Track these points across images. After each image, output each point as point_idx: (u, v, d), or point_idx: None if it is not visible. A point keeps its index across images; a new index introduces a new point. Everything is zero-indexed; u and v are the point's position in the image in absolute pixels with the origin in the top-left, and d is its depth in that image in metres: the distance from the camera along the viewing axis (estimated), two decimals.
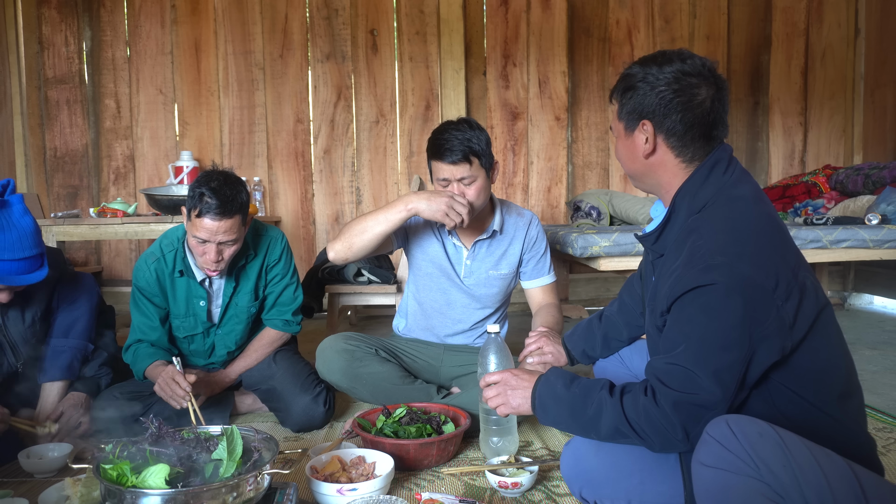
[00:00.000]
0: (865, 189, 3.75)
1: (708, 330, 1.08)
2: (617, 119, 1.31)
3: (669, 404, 1.09)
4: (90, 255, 4.41)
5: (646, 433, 1.12)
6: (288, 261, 2.20)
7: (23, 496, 1.47)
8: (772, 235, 1.13)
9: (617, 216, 3.83)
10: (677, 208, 1.23)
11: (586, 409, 1.20)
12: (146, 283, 2.05)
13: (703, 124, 1.21)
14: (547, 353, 1.75)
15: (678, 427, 1.09)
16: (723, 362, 1.07)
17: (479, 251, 2.13)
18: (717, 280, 1.07)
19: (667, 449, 1.14)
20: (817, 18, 4.62)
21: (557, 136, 4.51)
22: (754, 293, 1.06)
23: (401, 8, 4.35)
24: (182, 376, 1.85)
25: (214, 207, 1.86)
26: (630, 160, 1.31)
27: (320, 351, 2.11)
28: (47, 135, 4.32)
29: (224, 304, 2.12)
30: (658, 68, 1.22)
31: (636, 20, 4.51)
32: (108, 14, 4.30)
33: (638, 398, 1.13)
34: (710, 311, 1.08)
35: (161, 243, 2.09)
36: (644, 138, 1.25)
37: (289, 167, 4.38)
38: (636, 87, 1.24)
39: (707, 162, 1.22)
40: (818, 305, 1.12)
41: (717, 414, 1.07)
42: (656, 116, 1.23)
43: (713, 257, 1.09)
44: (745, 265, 1.07)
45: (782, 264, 1.10)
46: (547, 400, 1.29)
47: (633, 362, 1.66)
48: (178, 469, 1.27)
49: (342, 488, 1.43)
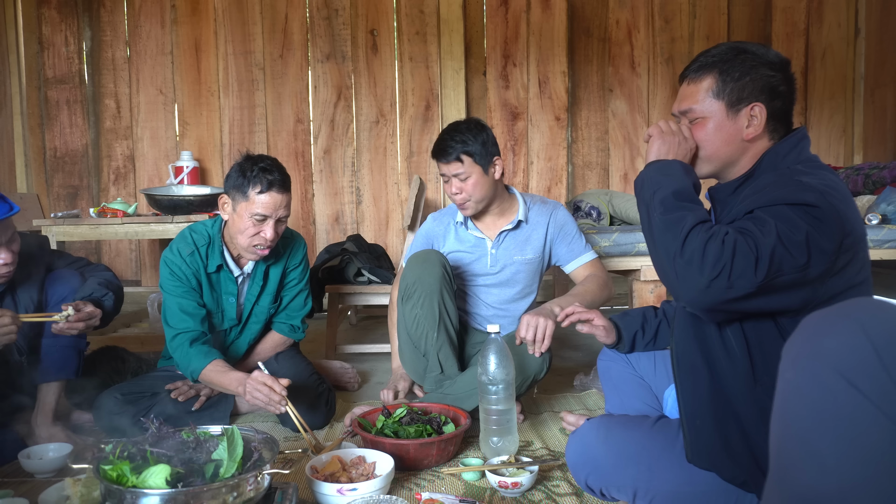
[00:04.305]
0: (865, 189, 3.75)
1: (786, 227, 1.08)
2: (712, 99, 1.28)
3: (731, 244, 1.08)
4: (90, 255, 4.41)
5: (690, 243, 1.11)
6: (306, 267, 2.23)
7: (23, 496, 1.47)
8: (853, 203, 1.17)
9: (617, 216, 3.83)
10: (765, 166, 1.26)
11: (684, 201, 1.19)
12: (181, 272, 2.02)
13: (790, 110, 1.29)
14: (599, 325, 1.65)
15: (720, 264, 1.07)
16: (785, 250, 1.07)
17: (503, 240, 2.21)
18: (808, 201, 1.09)
19: (684, 274, 1.11)
20: (817, 18, 4.62)
21: (557, 136, 4.51)
22: (832, 227, 1.09)
23: (401, 8, 4.35)
24: (275, 380, 1.77)
25: (279, 181, 1.91)
26: (726, 142, 1.28)
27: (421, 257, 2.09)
28: (47, 135, 4.32)
29: (251, 302, 2.13)
30: (763, 50, 1.28)
31: (636, 20, 4.51)
32: (108, 14, 4.30)
33: (718, 227, 1.13)
34: (792, 219, 1.09)
35: (191, 237, 2.06)
36: (750, 120, 1.26)
37: (289, 167, 4.34)
38: (755, 69, 1.25)
39: (796, 134, 1.27)
40: (862, 276, 1.16)
41: (749, 284, 1.06)
42: (768, 99, 1.25)
43: (808, 185, 1.12)
44: (834, 202, 1.10)
45: (855, 225, 1.14)
46: (675, 171, 1.25)
47: (640, 364, 1.66)
48: (178, 469, 1.26)
49: (342, 488, 1.43)
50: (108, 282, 2.01)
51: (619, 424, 1.40)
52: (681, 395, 1.26)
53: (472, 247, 2.23)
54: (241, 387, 1.83)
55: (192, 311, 2.01)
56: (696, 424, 1.22)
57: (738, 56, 1.27)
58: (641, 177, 1.29)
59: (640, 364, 1.66)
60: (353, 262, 3.05)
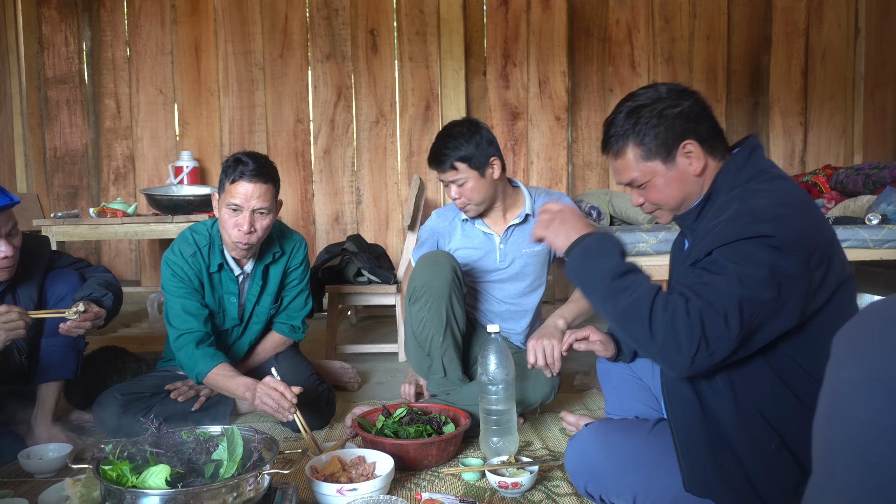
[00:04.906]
0: (865, 189, 3.75)
1: (744, 267, 1.09)
2: (643, 162, 1.28)
3: (696, 312, 1.08)
4: (90, 255, 4.41)
5: (657, 329, 1.10)
6: (306, 268, 2.22)
7: (23, 496, 1.48)
8: (813, 208, 1.17)
9: (617, 216, 3.83)
10: (719, 186, 1.25)
11: (624, 278, 1.17)
12: (183, 273, 2.02)
13: (714, 120, 1.29)
14: (595, 340, 1.65)
15: (695, 339, 1.07)
16: (749, 295, 1.07)
17: (511, 235, 2.21)
18: (763, 232, 1.09)
19: (666, 356, 1.11)
20: (817, 18, 4.62)
21: (557, 136, 4.51)
22: (794, 251, 1.09)
23: (401, 8, 4.34)
24: (287, 387, 1.76)
25: (251, 169, 1.90)
26: (681, 188, 1.29)
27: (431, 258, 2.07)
28: (47, 135, 4.32)
29: (252, 303, 2.13)
30: (654, 92, 1.28)
31: (636, 20, 4.51)
32: (108, 14, 4.30)
33: (674, 298, 1.12)
34: (749, 256, 1.09)
35: (192, 237, 2.06)
36: (689, 157, 1.26)
37: (289, 167, 4.37)
38: (659, 116, 1.25)
39: (746, 146, 1.27)
40: (841, 278, 1.16)
41: (727, 346, 1.07)
42: (692, 131, 1.25)
43: (762, 213, 1.12)
44: (790, 224, 1.10)
45: (819, 234, 1.14)
46: (594, 249, 1.22)
47: (639, 365, 1.66)
48: (178, 469, 1.26)
49: (342, 488, 1.43)
50: (108, 283, 2.01)
51: (617, 430, 1.40)
52: (674, 427, 1.25)
53: (481, 243, 2.23)
54: (248, 392, 1.82)
55: (194, 311, 2.01)
56: (691, 455, 1.21)
57: (638, 115, 1.27)
58: (571, 270, 1.26)
59: (639, 365, 1.65)
60: (353, 262, 3.05)
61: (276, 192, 1.98)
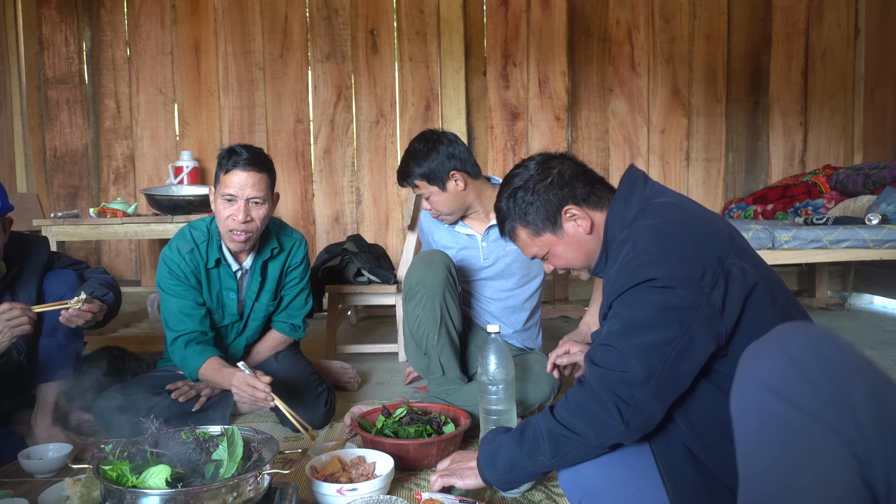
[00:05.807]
0: (865, 189, 3.75)
1: (636, 314, 1.13)
2: (536, 237, 1.37)
3: (597, 380, 1.14)
4: (90, 255, 4.41)
5: (577, 426, 1.17)
6: (307, 266, 2.22)
7: (23, 496, 1.47)
8: (696, 229, 1.19)
9: None
10: (610, 232, 1.31)
11: (525, 438, 1.24)
12: (180, 270, 2.02)
13: (588, 173, 1.38)
14: (574, 352, 1.68)
15: (610, 406, 1.12)
16: (648, 340, 1.11)
17: (491, 234, 2.22)
18: (647, 276, 1.13)
19: (606, 438, 1.16)
20: (817, 18, 4.62)
21: (557, 136, 4.51)
22: (681, 284, 1.11)
23: (401, 8, 4.35)
24: (256, 378, 1.78)
25: (244, 158, 1.91)
26: (579, 248, 1.36)
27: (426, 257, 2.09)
28: (47, 135, 4.32)
29: (251, 299, 2.13)
30: (524, 171, 1.37)
31: (636, 20, 4.51)
32: (108, 14, 4.30)
33: (567, 395, 1.19)
34: (640, 302, 1.13)
35: (190, 234, 2.07)
36: (574, 220, 1.34)
37: (289, 167, 4.37)
38: (536, 194, 1.34)
39: (624, 182, 1.32)
40: (745, 287, 1.15)
41: (645, 394, 1.11)
42: (569, 198, 1.33)
43: (639, 258, 1.16)
44: (669, 260, 1.13)
45: (707, 254, 1.15)
46: (491, 456, 1.30)
47: None
48: (178, 469, 1.26)
49: (342, 488, 1.43)
50: (108, 283, 2.01)
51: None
52: (657, 454, 1.27)
53: (465, 243, 2.25)
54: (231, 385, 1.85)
55: (190, 311, 2.01)
56: (677, 482, 1.23)
57: (516, 197, 1.36)
58: (504, 484, 1.32)
59: None
60: (353, 262, 3.05)
61: (270, 182, 1.99)
